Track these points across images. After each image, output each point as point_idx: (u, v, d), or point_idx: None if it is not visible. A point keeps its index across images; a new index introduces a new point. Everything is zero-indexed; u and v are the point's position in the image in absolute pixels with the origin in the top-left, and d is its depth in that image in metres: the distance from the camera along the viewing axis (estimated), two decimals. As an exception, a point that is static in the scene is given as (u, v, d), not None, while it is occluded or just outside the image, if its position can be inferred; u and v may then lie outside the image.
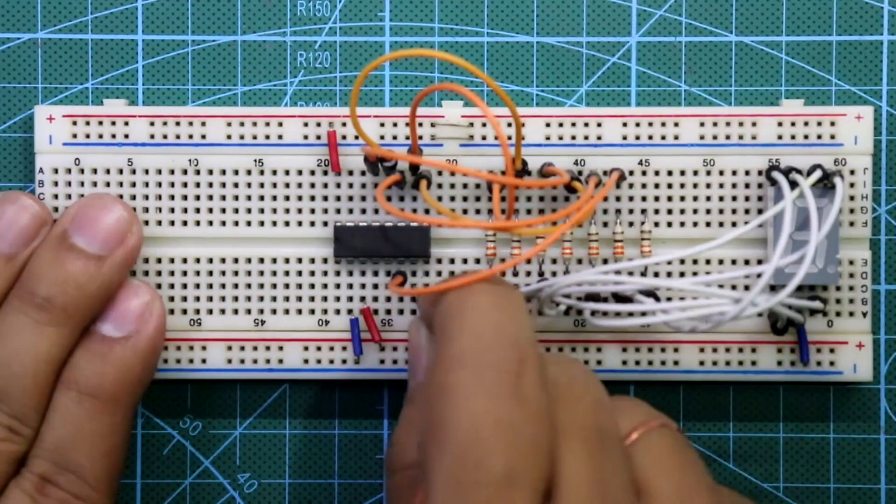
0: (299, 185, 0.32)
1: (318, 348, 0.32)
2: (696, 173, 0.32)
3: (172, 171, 0.32)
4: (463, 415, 0.23)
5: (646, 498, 0.24)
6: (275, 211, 0.32)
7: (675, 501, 0.24)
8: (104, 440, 0.29)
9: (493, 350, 0.24)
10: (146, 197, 0.32)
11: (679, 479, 0.24)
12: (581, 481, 0.23)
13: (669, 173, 0.32)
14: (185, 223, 0.32)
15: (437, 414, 0.23)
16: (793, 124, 0.32)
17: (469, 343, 0.24)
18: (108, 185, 0.32)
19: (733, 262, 0.32)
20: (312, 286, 0.32)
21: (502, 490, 0.22)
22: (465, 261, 0.32)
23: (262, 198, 0.32)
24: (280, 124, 0.32)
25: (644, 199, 0.32)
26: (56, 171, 0.32)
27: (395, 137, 0.32)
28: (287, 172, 0.32)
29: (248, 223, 0.32)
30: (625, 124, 0.32)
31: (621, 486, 0.23)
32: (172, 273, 0.32)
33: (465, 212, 0.32)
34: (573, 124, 0.32)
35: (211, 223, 0.32)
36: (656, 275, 0.32)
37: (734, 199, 0.32)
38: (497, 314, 0.25)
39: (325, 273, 0.32)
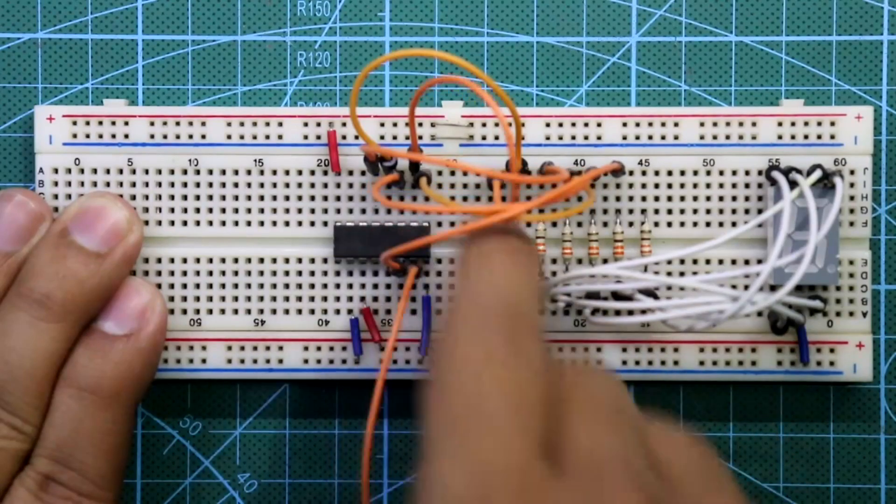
0: (299, 185, 0.32)
1: (318, 348, 0.32)
2: (695, 173, 0.32)
3: (172, 171, 0.32)
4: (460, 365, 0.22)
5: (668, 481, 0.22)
6: (275, 211, 0.32)
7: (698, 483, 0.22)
8: (105, 438, 0.29)
9: (488, 313, 0.23)
10: (146, 197, 0.32)
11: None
12: (594, 445, 0.22)
13: (669, 173, 0.32)
14: (185, 223, 0.32)
15: (440, 368, 0.23)
16: (793, 124, 0.32)
17: (468, 308, 0.24)
18: (108, 185, 0.32)
19: (733, 261, 0.32)
20: (312, 286, 0.32)
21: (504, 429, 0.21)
22: (465, 261, 0.32)
23: (262, 198, 0.32)
24: (280, 124, 0.32)
25: (644, 199, 0.32)
26: (56, 171, 0.32)
27: (395, 137, 0.32)
28: (287, 172, 0.32)
29: (248, 223, 0.32)
30: (625, 124, 0.32)
31: (639, 459, 0.22)
32: (172, 273, 0.32)
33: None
34: (573, 124, 0.32)
35: (211, 223, 0.32)
36: (656, 274, 0.32)
37: (734, 198, 0.32)
38: (503, 278, 0.24)
39: (325, 273, 0.32)
